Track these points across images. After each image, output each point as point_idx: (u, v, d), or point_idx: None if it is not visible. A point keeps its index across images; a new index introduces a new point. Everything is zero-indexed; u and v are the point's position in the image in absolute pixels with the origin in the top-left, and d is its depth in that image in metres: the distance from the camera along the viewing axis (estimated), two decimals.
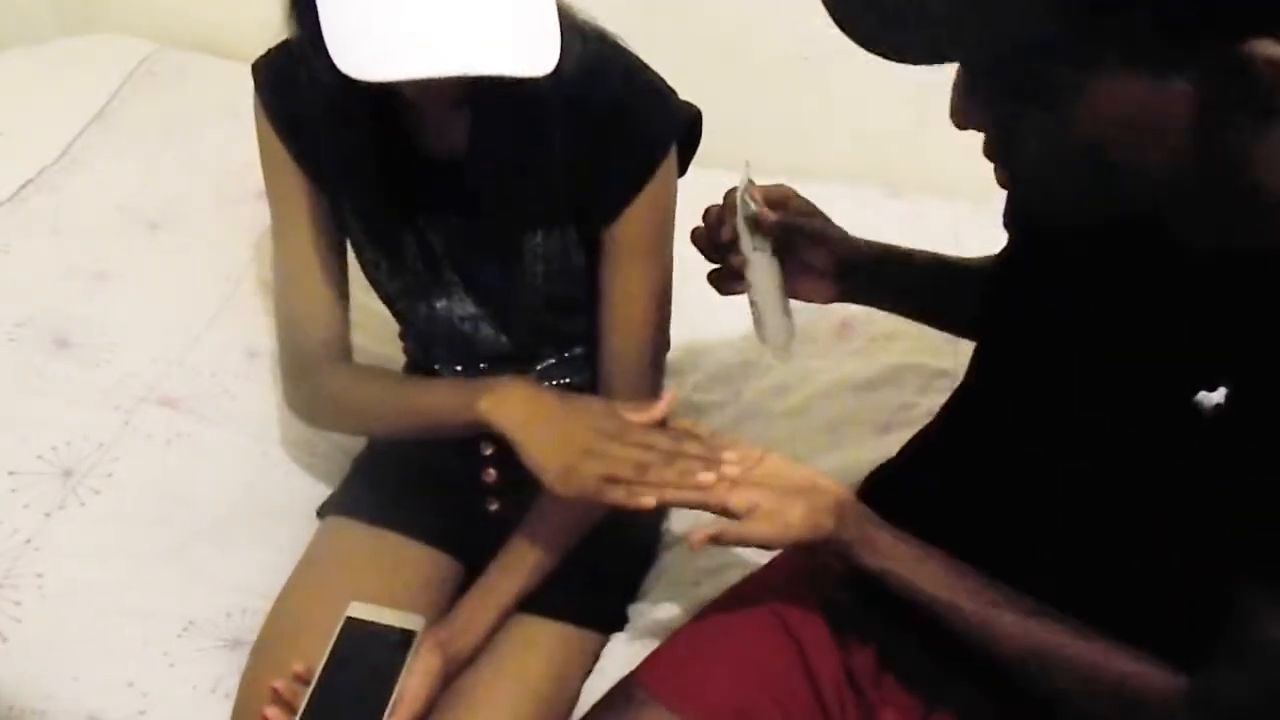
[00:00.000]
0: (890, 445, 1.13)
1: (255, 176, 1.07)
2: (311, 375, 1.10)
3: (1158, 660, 0.74)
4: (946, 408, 0.98)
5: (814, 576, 1.00)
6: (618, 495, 0.90)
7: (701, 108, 1.02)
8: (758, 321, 0.99)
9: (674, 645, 1.00)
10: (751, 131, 1.53)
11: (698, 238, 1.01)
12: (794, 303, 1.02)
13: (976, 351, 0.93)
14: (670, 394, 1.00)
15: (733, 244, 0.97)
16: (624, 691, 0.96)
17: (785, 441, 1.35)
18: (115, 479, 1.25)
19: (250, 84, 1.02)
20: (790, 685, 0.95)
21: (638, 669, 0.98)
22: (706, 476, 0.88)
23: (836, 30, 0.58)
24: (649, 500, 0.89)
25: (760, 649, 0.96)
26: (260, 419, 1.35)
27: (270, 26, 0.93)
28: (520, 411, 0.96)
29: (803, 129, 1.79)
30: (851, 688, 0.95)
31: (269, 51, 1.01)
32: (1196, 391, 0.66)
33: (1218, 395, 0.65)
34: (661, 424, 0.97)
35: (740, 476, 0.87)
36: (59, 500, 1.22)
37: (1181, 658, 0.73)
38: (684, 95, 1.00)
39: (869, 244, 1.03)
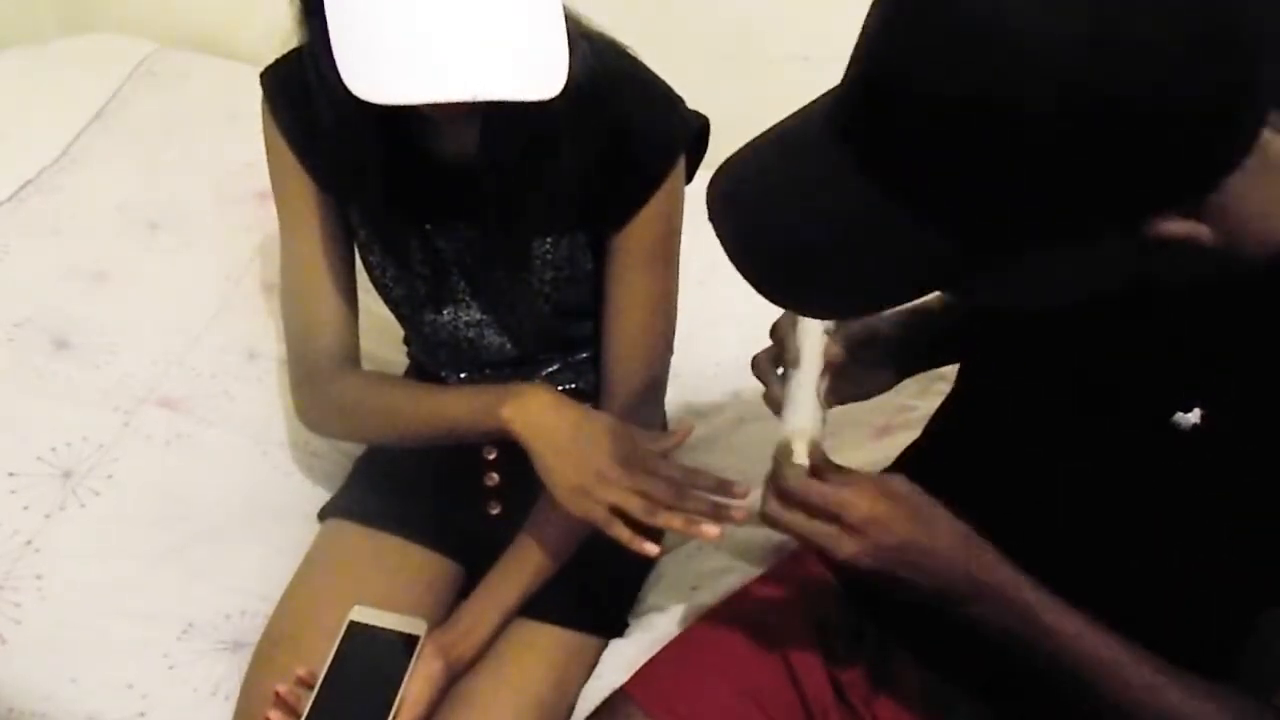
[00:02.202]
0: (889, 448, 1.13)
1: (255, 176, 1.07)
2: (322, 384, 1.10)
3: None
4: (937, 416, 0.98)
5: (806, 590, 1.00)
6: (622, 534, 0.93)
7: (701, 108, 1.02)
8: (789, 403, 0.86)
9: (662, 659, 1.00)
10: (752, 132, 1.52)
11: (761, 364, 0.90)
12: None
13: (963, 365, 0.93)
14: (686, 426, 1.01)
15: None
16: (612, 705, 0.96)
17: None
18: (115, 480, 1.25)
19: (251, 85, 1.02)
20: (779, 700, 0.95)
21: (626, 683, 0.98)
22: (711, 530, 0.91)
23: (837, 30, 0.58)
24: (652, 548, 0.93)
25: (748, 663, 0.96)
26: (260, 420, 1.35)
27: (270, 27, 0.93)
28: (541, 421, 0.97)
29: None
30: (842, 703, 0.95)
31: (277, 60, 1.00)
32: (1173, 413, 0.67)
33: (1194, 416, 0.66)
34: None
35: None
36: (59, 501, 1.22)
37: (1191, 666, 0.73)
38: (685, 96, 1.00)
39: (896, 317, 0.95)
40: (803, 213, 0.59)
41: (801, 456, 0.81)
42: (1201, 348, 0.66)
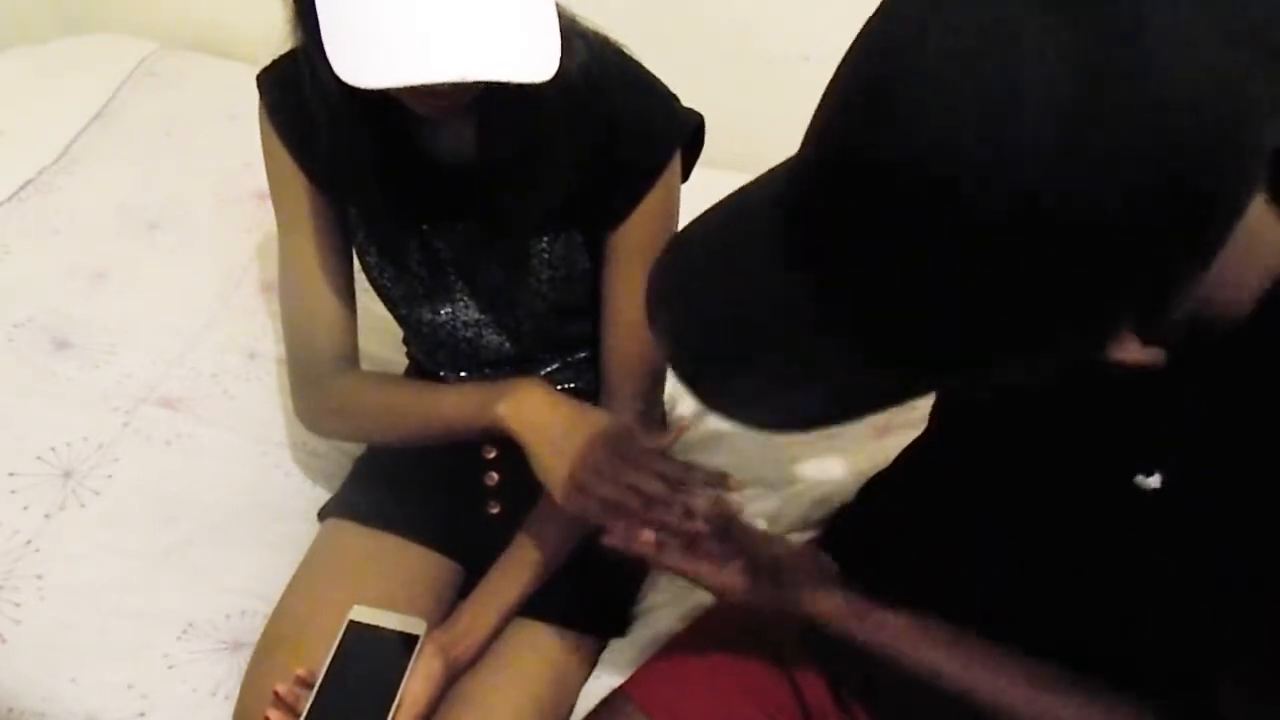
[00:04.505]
0: (889, 448, 1.13)
1: (255, 176, 1.07)
2: (320, 384, 1.10)
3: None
4: (909, 449, 0.98)
5: None
6: (616, 533, 0.92)
7: (701, 108, 1.02)
8: None
9: (661, 659, 1.00)
10: (751, 131, 1.53)
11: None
12: None
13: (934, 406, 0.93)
14: (684, 422, 1.00)
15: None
16: (612, 705, 0.96)
17: (784, 444, 1.35)
18: (115, 480, 1.25)
19: (251, 85, 1.02)
20: (777, 700, 0.95)
21: (625, 683, 0.98)
22: (703, 525, 0.90)
23: (836, 30, 0.58)
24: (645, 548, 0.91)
25: (747, 663, 0.96)
26: (260, 420, 1.35)
27: (270, 27, 0.93)
28: (536, 417, 0.97)
29: (803, 129, 1.78)
30: (840, 704, 0.95)
31: (273, 61, 1.00)
32: (1134, 475, 0.67)
33: (1155, 480, 0.66)
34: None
35: None
36: (59, 501, 1.22)
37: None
38: (684, 95, 1.00)
39: None
40: (728, 303, 0.54)
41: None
42: (1160, 412, 0.65)
